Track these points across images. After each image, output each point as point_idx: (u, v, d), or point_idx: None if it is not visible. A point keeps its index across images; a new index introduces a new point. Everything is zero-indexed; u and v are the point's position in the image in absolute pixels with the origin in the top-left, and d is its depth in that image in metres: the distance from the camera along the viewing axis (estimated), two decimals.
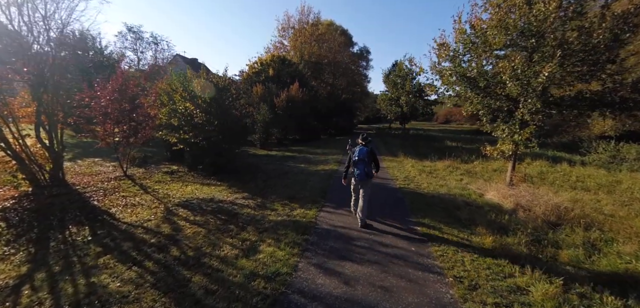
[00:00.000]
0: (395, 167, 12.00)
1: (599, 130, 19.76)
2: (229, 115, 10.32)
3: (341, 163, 12.84)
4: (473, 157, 14.76)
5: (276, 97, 19.88)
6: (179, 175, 10.22)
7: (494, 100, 7.41)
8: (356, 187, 5.90)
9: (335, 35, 41.88)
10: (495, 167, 12.65)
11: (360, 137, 6.01)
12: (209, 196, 7.88)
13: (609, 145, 17.52)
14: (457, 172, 11.32)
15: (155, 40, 43.78)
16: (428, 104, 25.19)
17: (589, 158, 17.56)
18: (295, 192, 8.07)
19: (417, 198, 7.42)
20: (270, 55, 25.59)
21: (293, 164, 12.93)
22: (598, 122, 19.25)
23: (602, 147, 17.80)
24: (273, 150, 18.21)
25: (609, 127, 18.87)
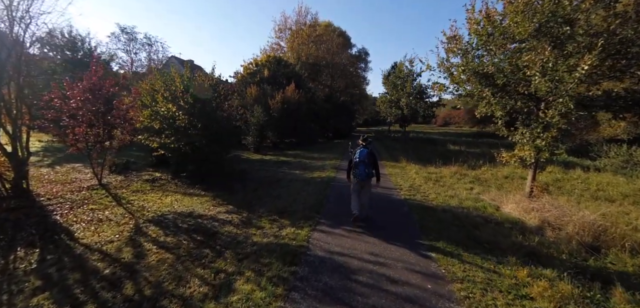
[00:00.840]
0: (398, 174, 11.06)
1: (610, 133, 18.89)
2: (215, 117, 9.36)
3: (339, 169, 11.90)
4: (480, 162, 13.85)
5: (271, 98, 18.94)
6: (160, 184, 9.24)
7: (514, 99, 6.48)
8: (356, 187, 5.94)
9: (333, 36, 41.05)
10: (505, 173, 11.73)
11: (361, 138, 6.17)
12: (188, 209, 6.91)
13: (621, 149, 16.67)
14: (465, 180, 10.39)
15: (149, 41, 42.76)
16: (429, 106, 24.29)
17: (600, 163, 16.70)
18: (286, 205, 7.10)
19: (426, 213, 6.46)
20: (266, 55, 24.68)
21: (287, 170, 11.96)
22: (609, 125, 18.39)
23: (614, 151, 16.95)
24: (267, 154, 17.25)
25: (621, 131, 18.01)
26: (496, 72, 6.21)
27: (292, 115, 19.47)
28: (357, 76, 48.16)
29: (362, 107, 54.06)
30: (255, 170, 12.00)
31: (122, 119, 8.67)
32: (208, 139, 9.06)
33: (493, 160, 14.51)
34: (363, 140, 6.06)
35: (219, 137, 9.63)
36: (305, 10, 40.92)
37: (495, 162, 14.28)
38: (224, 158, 10.51)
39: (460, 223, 5.84)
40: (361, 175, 5.75)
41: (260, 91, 19.81)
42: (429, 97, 23.93)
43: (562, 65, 5.17)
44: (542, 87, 5.10)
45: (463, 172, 11.76)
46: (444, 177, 10.75)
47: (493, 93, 6.50)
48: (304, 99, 20.82)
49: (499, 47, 6.24)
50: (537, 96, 6.13)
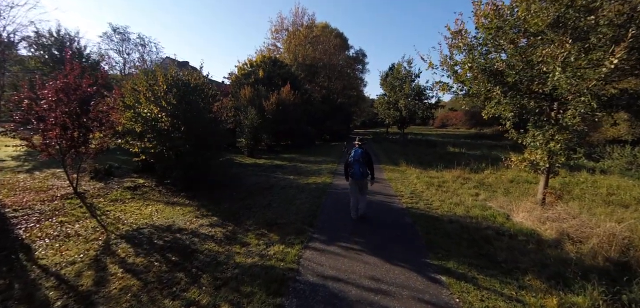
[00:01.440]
0: (398, 179, 10.44)
1: (613, 134, 18.43)
2: (201, 119, 8.69)
3: (335, 174, 11.27)
4: (483, 165, 13.27)
5: (265, 100, 18.29)
6: (142, 192, 8.57)
7: (527, 98, 5.88)
8: (354, 187, 6.14)
9: (330, 37, 40.51)
10: (509, 177, 11.15)
11: (356, 139, 6.54)
12: (168, 222, 6.26)
13: (625, 150, 16.20)
14: (469, 184, 9.79)
15: (143, 42, 41.95)
16: (428, 108, 23.74)
17: (604, 164, 16.20)
18: (277, 215, 6.46)
19: (431, 225, 5.84)
20: (261, 55, 24.04)
21: (281, 176, 11.31)
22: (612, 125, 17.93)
23: (617, 152, 16.47)
24: (262, 158, 16.59)
25: (624, 132, 17.54)
26: (507, 68, 5.61)
27: (287, 117, 18.82)
28: (354, 78, 47.64)
29: (360, 109, 53.51)
30: (247, 176, 11.34)
31: (99, 121, 7.99)
32: (193, 143, 8.40)
33: (496, 163, 13.97)
34: (358, 141, 6.41)
35: (206, 141, 8.98)
36: (302, 11, 40.45)
37: (498, 165, 13.75)
38: (212, 163, 9.85)
39: (471, 237, 5.22)
40: (356, 175, 5.97)
41: (254, 92, 19.16)
42: (428, 98, 23.40)
43: (583, 60, 4.58)
44: (563, 84, 4.51)
45: (466, 176, 11.17)
46: (447, 181, 10.15)
47: (503, 92, 5.90)
48: (299, 100, 20.19)
49: (510, 41, 5.64)
50: (553, 95, 5.55)
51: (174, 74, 8.96)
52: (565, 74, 4.44)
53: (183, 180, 8.73)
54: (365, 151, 6.17)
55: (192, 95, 8.86)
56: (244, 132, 17.22)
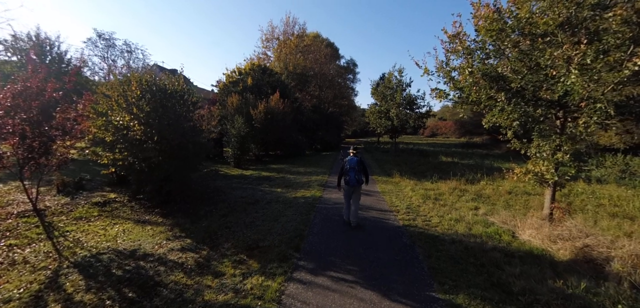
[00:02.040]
0: (392, 192, 9.84)
1: (605, 142, 18.34)
2: (178, 128, 7.96)
3: (326, 187, 10.62)
4: (478, 175, 12.84)
5: (254, 108, 17.61)
6: (112, 208, 7.76)
7: (533, 106, 5.38)
8: (348, 193, 6.41)
9: (321, 47, 40.27)
10: (507, 188, 10.70)
11: (351, 148, 6.80)
12: (134, 245, 5.49)
13: (617, 158, 16.08)
14: (466, 197, 9.27)
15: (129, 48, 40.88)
16: (420, 117, 23.43)
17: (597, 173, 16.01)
18: (259, 236, 5.75)
19: (432, 245, 5.22)
20: (250, 63, 23.42)
21: (268, 188, 10.60)
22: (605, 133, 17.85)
23: (609, 160, 16.34)
24: (249, 169, 15.84)
25: (617, 140, 17.44)
26: (513, 73, 5.11)
27: (276, 126, 18.16)
28: (345, 87, 47.45)
29: (351, 118, 53.25)
30: (231, 189, 10.58)
31: (63, 129, 7.19)
32: (169, 154, 7.65)
33: (491, 174, 13.58)
34: (353, 150, 6.70)
35: (185, 152, 8.23)
36: (293, 21, 40.09)
37: (493, 175, 13.36)
38: (192, 176, 9.10)
39: (477, 260, 4.61)
40: (352, 181, 6.18)
41: (242, 100, 18.47)
42: (419, 108, 23.11)
43: (599, 63, 4.10)
44: (578, 88, 4.01)
45: (462, 187, 10.67)
46: (443, 194, 9.61)
47: (508, 98, 5.39)
48: (289, 109, 19.57)
49: (513, 44, 5.16)
50: (561, 102, 5.06)
51: (149, 79, 8.23)
52: (582, 78, 3.94)
53: (157, 195, 7.96)
54: (360, 159, 6.44)
55: (169, 102, 8.14)
56: (231, 141, 16.47)
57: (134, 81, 8.00)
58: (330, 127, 31.40)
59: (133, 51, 41.16)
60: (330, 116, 33.59)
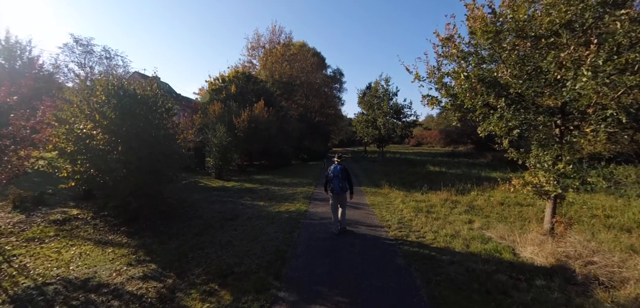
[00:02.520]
0: (381, 205, 9.32)
1: (589, 150, 18.52)
2: (147, 137, 7.22)
3: (312, 200, 10.02)
4: (468, 185, 12.53)
5: (237, 116, 16.89)
6: (72, 227, 6.91)
7: (534, 113, 4.99)
8: (334, 202, 6.42)
9: (307, 56, 40.01)
10: (498, 198, 10.37)
11: (336, 156, 6.90)
12: (88, 272, 4.72)
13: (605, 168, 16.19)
14: (459, 209, 8.85)
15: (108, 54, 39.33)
16: (407, 126, 23.25)
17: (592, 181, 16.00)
18: (236, 260, 5.08)
19: (430, 267, 4.67)
20: (234, 70, 22.74)
21: (249, 201, 9.89)
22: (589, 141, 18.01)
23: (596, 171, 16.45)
24: (231, 180, 15.06)
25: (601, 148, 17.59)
26: (513, 78, 4.71)
27: (260, 135, 17.48)
28: (332, 96, 47.25)
29: (338, 128, 53.04)
30: (209, 202, 9.82)
31: (14, 138, 6.34)
32: (136, 166, 6.89)
33: (481, 183, 13.30)
34: (338, 158, 6.76)
35: (155, 163, 7.48)
36: (279, 29, 39.72)
37: (483, 185, 13.09)
38: (164, 189, 8.32)
39: (481, 286, 4.09)
40: (336, 189, 6.21)
41: (224, 108, 17.73)
42: (406, 117, 22.94)
43: (609, 66, 3.72)
44: (589, 92, 3.61)
45: (454, 198, 10.27)
46: (435, 206, 9.16)
47: (507, 104, 4.98)
48: (274, 118, 18.95)
49: (512, 47, 4.78)
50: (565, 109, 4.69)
51: (116, 82, 7.48)
52: (596, 81, 3.54)
53: (124, 211, 7.16)
54: (344, 167, 6.44)
55: (139, 109, 7.40)
56: (212, 151, 15.67)
57: (99, 85, 7.25)
58: (316, 136, 30.92)
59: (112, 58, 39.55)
60: (317, 125, 33.14)
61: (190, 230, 6.87)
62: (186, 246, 5.86)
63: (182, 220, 7.63)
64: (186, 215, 8.11)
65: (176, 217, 7.92)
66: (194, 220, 7.65)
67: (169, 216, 7.91)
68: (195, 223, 7.35)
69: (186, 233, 6.61)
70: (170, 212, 8.25)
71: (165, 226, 7.15)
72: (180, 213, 8.28)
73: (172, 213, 8.19)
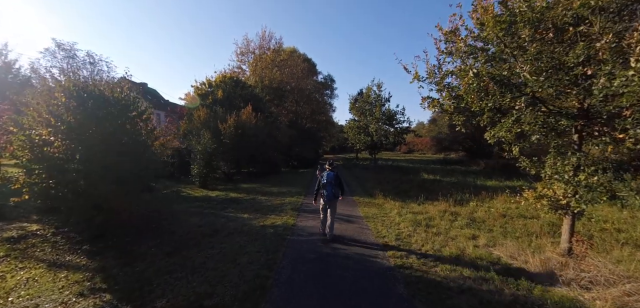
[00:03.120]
0: (376, 218, 8.59)
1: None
2: (113, 145, 6.36)
3: (301, 211, 9.24)
4: (467, 195, 11.93)
5: (223, 122, 16.03)
6: (28, 245, 6.04)
7: (555, 116, 4.36)
8: (325, 206, 6.51)
9: (298, 61, 39.36)
10: (500, 209, 9.79)
11: (328, 163, 6.84)
12: (29, 305, 3.85)
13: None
14: (459, 222, 8.20)
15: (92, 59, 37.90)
16: (399, 132, 22.71)
17: None
18: (207, 288, 4.26)
19: (438, 299, 3.93)
20: (221, 75, 21.90)
21: (233, 213, 9.05)
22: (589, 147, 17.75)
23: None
24: (216, 189, 14.16)
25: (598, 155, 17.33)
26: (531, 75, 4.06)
27: (248, 142, 16.63)
28: (323, 103, 46.62)
29: (329, 134, 52.41)
30: (189, 214, 8.94)
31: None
32: (100, 176, 6.01)
33: (478, 193, 12.73)
34: (330, 165, 6.73)
35: (124, 173, 6.60)
36: (269, 35, 38.92)
37: (481, 195, 12.52)
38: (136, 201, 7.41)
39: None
40: (329, 196, 6.35)
41: (210, 114, 16.86)
42: (399, 123, 22.41)
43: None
44: (635, 87, 2.97)
45: (452, 209, 9.63)
46: (434, 218, 8.49)
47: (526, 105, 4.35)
48: (263, 123, 18.14)
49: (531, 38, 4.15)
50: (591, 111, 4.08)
51: (80, 84, 6.62)
52: None
53: (88, 227, 6.26)
54: (337, 174, 6.58)
55: (104, 112, 6.53)
56: (196, 159, 14.75)
57: (58, 86, 6.39)
58: (307, 143, 30.16)
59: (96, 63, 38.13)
60: (307, 132, 32.41)
61: (161, 248, 6.00)
62: (152, 269, 5.01)
63: (154, 236, 6.76)
64: (160, 230, 7.24)
65: (149, 232, 7.03)
66: (167, 236, 6.78)
67: (140, 231, 7.02)
68: (168, 240, 6.48)
69: (156, 253, 5.74)
70: (142, 227, 7.35)
71: (134, 243, 6.27)
72: (154, 228, 7.39)
73: (144, 228, 7.29)
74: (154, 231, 7.21)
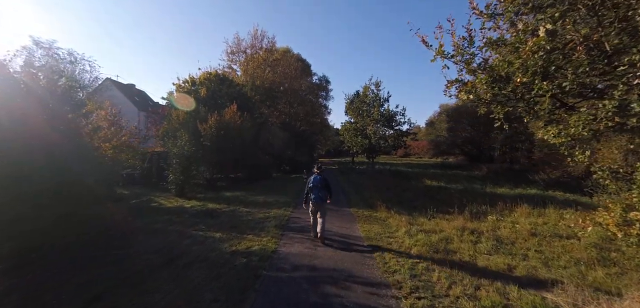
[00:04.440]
0: (381, 238, 6.88)
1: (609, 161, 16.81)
2: (31, 146, 4.60)
3: (286, 229, 7.51)
4: (483, 207, 10.31)
5: (204, 122, 14.26)
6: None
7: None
8: (314, 209, 6.59)
9: (291, 61, 37.69)
10: (526, 226, 8.17)
11: (316, 166, 6.97)
12: None
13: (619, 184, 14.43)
14: (485, 244, 6.56)
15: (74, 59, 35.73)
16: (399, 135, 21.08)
17: (598, 199, 14.20)
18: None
19: None
20: (206, 72, 20.13)
21: (202, 232, 7.29)
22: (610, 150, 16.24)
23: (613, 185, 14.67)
24: (195, 197, 12.39)
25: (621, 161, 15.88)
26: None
27: (232, 144, 14.86)
28: (318, 105, 44.93)
29: (324, 137, 50.72)
30: (150, 232, 7.20)
31: None
32: (14, 193, 4.26)
33: (493, 204, 11.11)
34: (317, 168, 6.85)
35: (42, 187, 4.85)
36: (261, 34, 37.07)
37: (497, 205, 10.91)
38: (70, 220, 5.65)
39: None
40: (316, 199, 6.45)
41: (191, 113, 15.08)
42: (399, 125, 20.80)
43: None
44: None
45: (469, 225, 7.99)
46: (451, 239, 6.82)
47: None
48: (250, 124, 16.39)
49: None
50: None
51: None
52: None
53: None
54: (323, 177, 6.64)
55: (24, 105, 4.78)
56: (172, 164, 12.97)
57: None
58: (301, 146, 28.40)
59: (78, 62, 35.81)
60: (301, 134, 30.63)
61: (87, 289, 4.25)
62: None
63: (92, 267, 5.01)
64: (104, 257, 5.47)
65: (88, 260, 5.28)
66: (109, 267, 5.03)
67: (77, 260, 5.26)
68: (107, 274, 4.73)
69: (76, 298, 3.99)
70: (85, 252, 5.59)
71: (56, 279, 4.52)
72: (98, 253, 5.63)
73: (86, 254, 5.53)
74: (96, 259, 5.44)
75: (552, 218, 9.36)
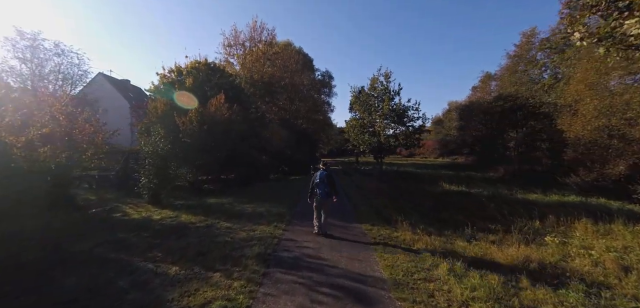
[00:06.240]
0: (415, 282, 4.59)
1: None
2: None
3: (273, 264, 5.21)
4: (534, 222, 8.03)
5: (183, 115, 12.03)
6: None
7: None
8: (319, 205, 6.73)
9: (292, 54, 35.43)
10: (604, 252, 5.89)
11: (321, 162, 7.36)
12: None
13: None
14: (574, 296, 4.28)
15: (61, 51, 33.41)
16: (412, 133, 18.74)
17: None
18: None
19: None
20: (194, 61, 17.94)
21: (152, 265, 5.04)
22: None
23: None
24: (171, 206, 10.22)
25: None
26: None
27: (218, 141, 12.62)
28: (320, 101, 42.70)
29: (327, 136, 48.45)
30: (82, 263, 5.02)
31: None
32: None
33: (542, 217, 8.81)
34: (322, 164, 7.11)
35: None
36: (260, 26, 34.70)
37: (546, 219, 8.65)
38: None
39: None
40: (322, 195, 6.59)
41: (170, 105, 12.87)
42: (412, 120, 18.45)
43: None
44: None
45: (528, 252, 5.71)
46: (521, 286, 4.53)
47: None
48: (241, 118, 14.14)
49: None
50: None
51: None
52: None
53: None
54: (329, 173, 6.82)
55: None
56: (144, 164, 10.79)
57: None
58: (302, 145, 26.18)
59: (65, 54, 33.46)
60: (302, 132, 28.37)
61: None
62: None
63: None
64: None
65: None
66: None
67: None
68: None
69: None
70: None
71: None
72: None
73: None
74: None
75: (629, 239, 7.07)
